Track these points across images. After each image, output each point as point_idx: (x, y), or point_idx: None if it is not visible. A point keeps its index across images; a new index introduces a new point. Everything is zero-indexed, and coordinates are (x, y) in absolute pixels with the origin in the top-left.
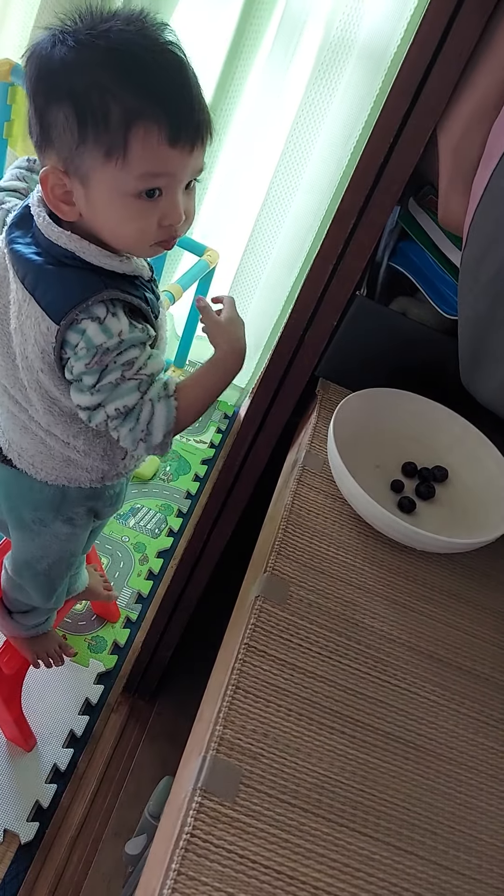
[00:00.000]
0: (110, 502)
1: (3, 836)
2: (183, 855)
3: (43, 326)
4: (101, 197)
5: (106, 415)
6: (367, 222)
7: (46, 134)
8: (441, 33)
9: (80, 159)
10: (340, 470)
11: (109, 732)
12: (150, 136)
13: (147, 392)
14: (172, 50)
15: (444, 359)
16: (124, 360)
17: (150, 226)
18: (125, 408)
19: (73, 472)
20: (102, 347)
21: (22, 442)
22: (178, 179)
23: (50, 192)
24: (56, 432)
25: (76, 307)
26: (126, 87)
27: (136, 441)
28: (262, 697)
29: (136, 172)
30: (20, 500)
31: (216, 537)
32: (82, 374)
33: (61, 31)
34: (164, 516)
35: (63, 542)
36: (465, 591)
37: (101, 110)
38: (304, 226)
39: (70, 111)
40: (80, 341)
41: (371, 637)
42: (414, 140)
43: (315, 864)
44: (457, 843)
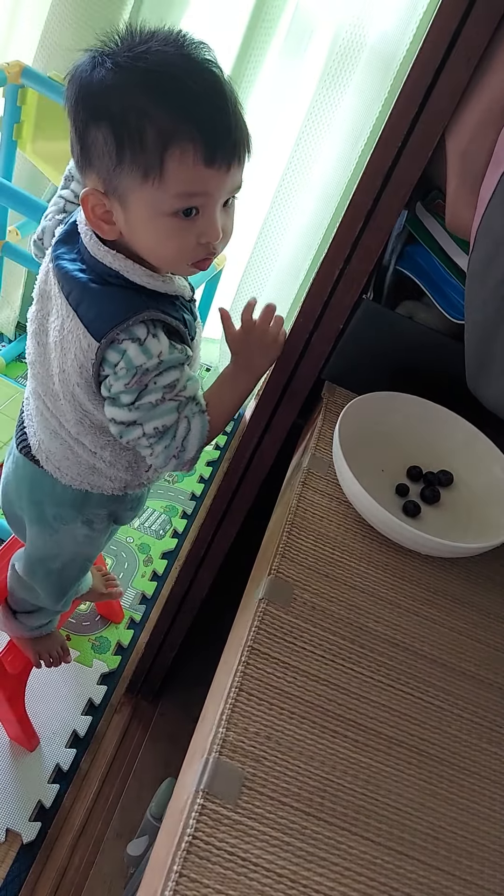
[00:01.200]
0: (131, 507)
1: (5, 835)
2: (185, 857)
3: (84, 343)
4: (140, 217)
5: (143, 432)
6: (374, 226)
7: (87, 155)
8: (450, 38)
9: (118, 180)
10: (345, 473)
11: (112, 733)
12: (185, 156)
13: (183, 410)
14: (210, 69)
15: (451, 363)
16: (166, 383)
17: (188, 244)
18: (163, 427)
19: (96, 479)
20: (142, 368)
21: (51, 445)
22: (216, 198)
23: (91, 212)
24: (85, 442)
25: (117, 326)
26: (161, 108)
27: (168, 458)
28: (265, 700)
29: (172, 192)
30: (44, 496)
31: (220, 539)
32: (120, 393)
33: (101, 54)
34: (168, 517)
35: (80, 544)
36: (470, 596)
37: (137, 131)
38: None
39: (108, 133)
40: (120, 361)
41: (375, 641)
42: (422, 144)
43: (317, 868)
44: (459, 849)
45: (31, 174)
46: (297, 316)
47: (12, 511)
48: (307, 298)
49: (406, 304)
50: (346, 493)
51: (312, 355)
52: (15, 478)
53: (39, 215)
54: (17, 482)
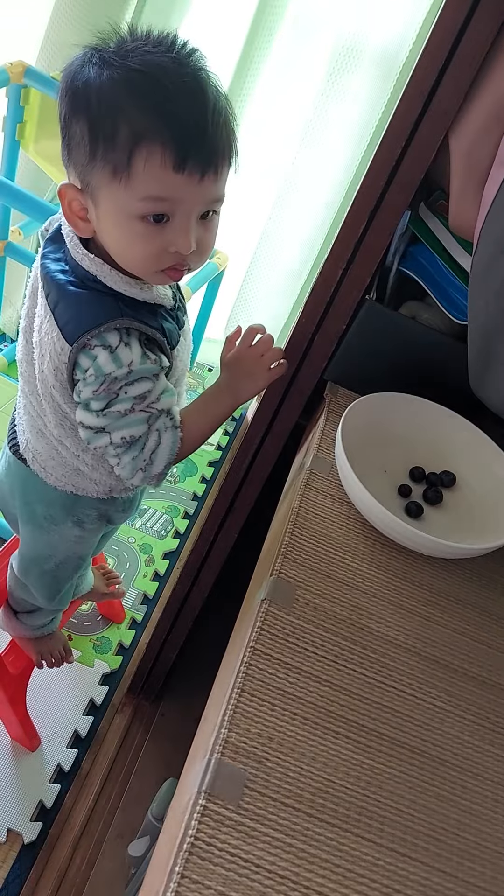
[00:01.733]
0: (122, 508)
1: (6, 835)
2: (187, 858)
3: (58, 345)
4: (108, 217)
5: (110, 441)
6: (377, 226)
7: (67, 148)
8: (454, 38)
9: (90, 176)
10: (348, 474)
11: (113, 733)
12: (152, 158)
13: (155, 423)
14: (196, 75)
15: (454, 364)
16: (136, 393)
17: (154, 250)
18: (131, 437)
19: (81, 481)
20: (111, 376)
21: (37, 445)
22: (188, 207)
23: (67, 207)
24: (67, 443)
25: (89, 332)
26: (136, 107)
27: (135, 470)
28: (267, 701)
29: (139, 195)
30: (34, 496)
31: (222, 539)
32: (90, 399)
33: (93, 50)
34: (170, 518)
35: (72, 543)
36: (473, 597)
37: (111, 128)
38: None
39: (84, 127)
40: (90, 367)
41: (377, 642)
42: (426, 144)
43: (319, 870)
44: (461, 851)
45: (33, 174)
46: (299, 316)
47: (8, 510)
48: (310, 299)
49: (409, 305)
50: (348, 494)
51: (315, 355)
52: (7, 477)
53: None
54: (10, 481)
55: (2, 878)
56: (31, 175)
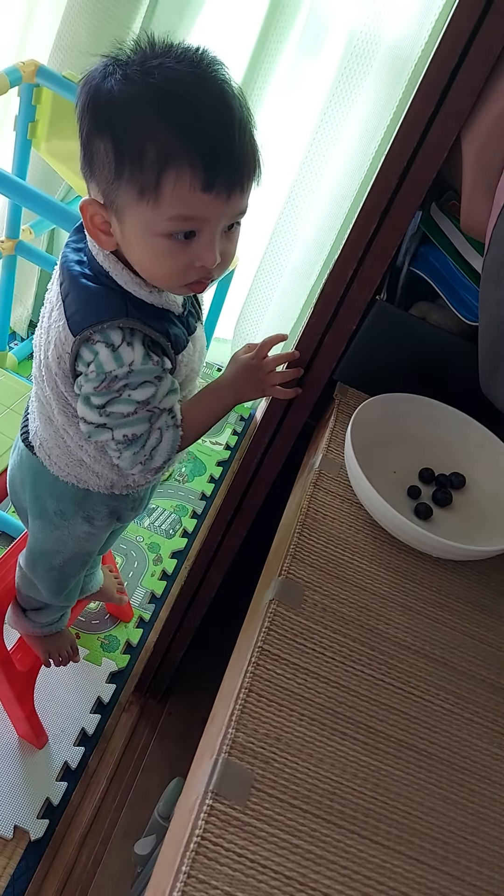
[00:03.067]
0: (132, 506)
1: (13, 832)
2: (193, 858)
3: (62, 334)
4: (134, 234)
5: (112, 437)
6: (388, 226)
7: (89, 164)
8: (467, 38)
9: (115, 194)
10: (357, 475)
11: (120, 732)
12: (182, 180)
13: (157, 422)
14: (222, 91)
15: (464, 365)
16: (140, 399)
17: (180, 266)
18: (133, 435)
19: (83, 473)
20: (111, 374)
21: (45, 433)
22: (214, 223)
23: (89, 221)
24: (71, 432)
25: (93, 326)
26: (164, 127)
27: (135, 463)
28: (275, 701)
29: (167, 214)
30: (45, 490)
31: (230, 539)
32: (90, 395)
33: (114, 63)
34: (178, 517)
35: (81, 540)
36: (481, 599)
37: (137, 149)
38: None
39: (109, 146)
40: (91, 362)
41: (385, 643)
42: (438, 144)
43: (325, 871)
44: (468, 854)
45: (44, 173)
46: (309, 316)
47: (19, 504)
48: (320, 299)
49: (419, 306)
50: (357, 494)
51: (325, 356)
52: (20, 470)
53: (53, 214)
54: (21, 474)
55: (8, 875)
56: (43, 174)
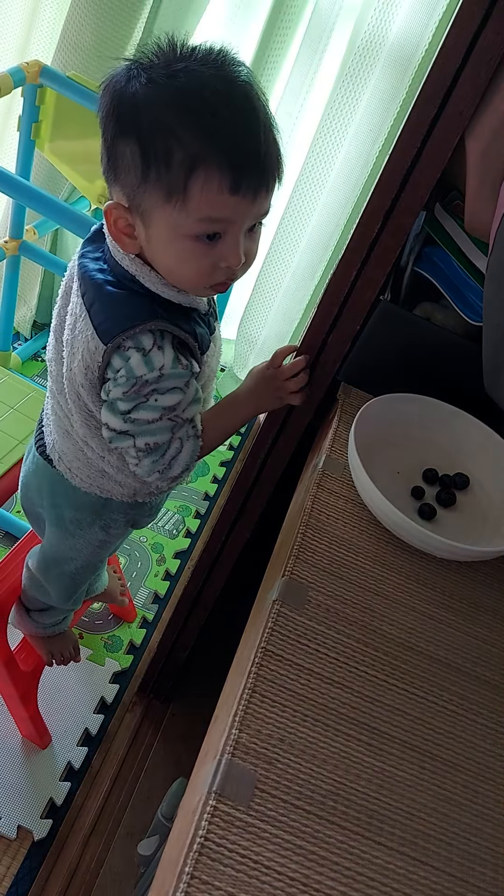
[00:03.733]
0: (149, 513)
1: (16, 832)
2: (196, 858)
3: (91, 345)
4: (160, 236)
5: (133, 444)
6: (392, 226)
7: (113, 167)
8: (470, 38)
9: (141, 198)
10: (361, 475)
11: (124, 732)
12: (210, 182)
13: (178, 432)
14: (246, 94)
15: (468, 365)
16: (167, 404)
17: (207, 267)
18: (154, 444)
19: (106, 483)
20: (142, 379)
21: (64, 446)
22: (240, 224)
23: (113, 225)
24: (92, 444)
25: (124, 332)
26: (190, 130)
27: (153, 472)
28: (278, 702)
29: (195, 216)
30: (63, 499)
31: (234, 539)
32: (117, 400)
33: (138, 66)
34: (182, 517)
35: (96, 547)
36: (485, 600)
37: (164, 151)
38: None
39: (136, 149)
40: (122, 368)
41: (389, 644)
42: (442, 144)
43: (329, 872)
44: (471, 855)
45: (48, 173)
46: (313, 316)
47: (33, 509)
48: (324, 299)
49: (423, 306)
50: (361, 495)
51: (328, 356)
52: (35, 478)
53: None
54: (37, 483)
55: (12, 875)
56: (46, 174)
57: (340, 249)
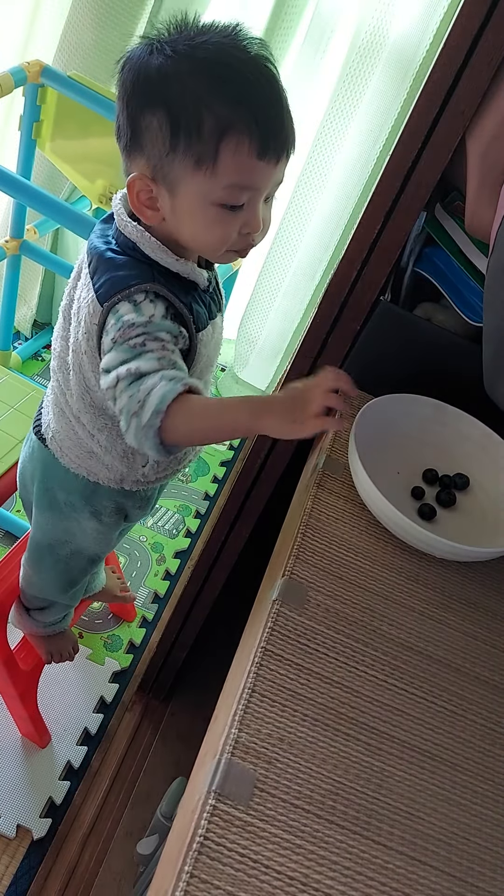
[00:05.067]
0: (140, 504)
1: (16, 831)
2: (196, 857)
3: (92, 307)
4: (187, 205)
5: (117, 375)
6: (393, 227)
7: (137, 139)
8: (472, 39)
9: (169, 167)
10: (361, 476)
11: (123, 731)
12: (241, 147)
13: (166, 367)
14: (265, 63)
15: (468, 366)
16: (154, 336)
17: (231, 233)
18: (137, 370)
19: (93, 464)
20: (128, 322)
21: (57, 424)
22: (262, 191)
23: (136, 198)
24: (84, 420)
25: (120, 292)
26: (220, 97)
27: (129, 414)
28: (278, 702)
29: (224, 183)
30: (56, 482)
31: (234, 539)
32: (109, 349)
33: (158, 41)
34: (182, 517)
35: (89, 536)
36: (485, 600)
37: (194, 119)
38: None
39: (164, 118)
40: (113, 321)
41: (388, 644)
42: (442, 145)
43: (328, 872)
44: (470, 855)
45: (49, 173)
46: (313, 317)
47: (28, 498)
48: (324, 299)
49: (424, 306)
50: (361, 495)
51: (329, 356)
52: (30, 462)
53: (57, 214)
54: (32, 466)
55: (11, 874)
56: (47, 174)
57: (341, 250)
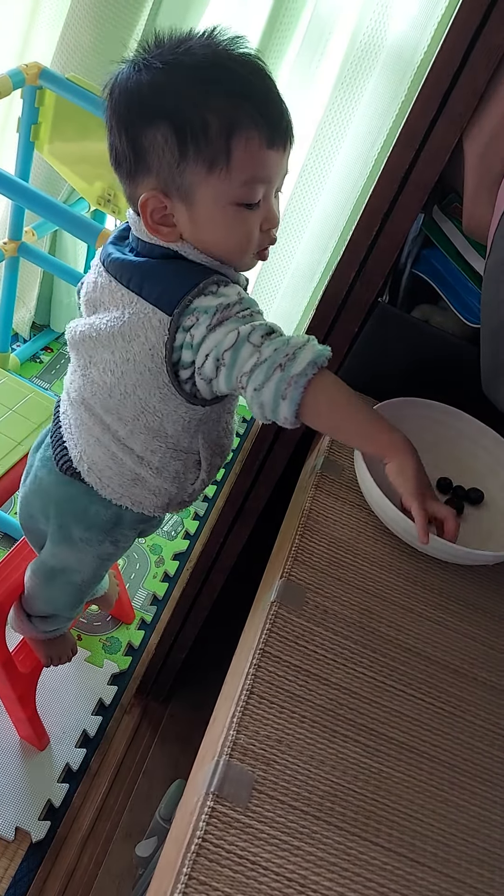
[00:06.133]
0: (157, 523)
1: (14, 833)
2: (195, 859)
3: (154, 321)
4: (206, 210)
5: (239, 332)
6: (391, 229)
7: (142, 159)
8: (469, 40)
9: (181, 177)
10: (364, 476)
11: (122, 733)
12: (251, 141)
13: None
14: (252, 57)
15: (466, 367)
16: (256, 309)
17: (254, 231)
18: (265, 325)
19: (139, 492)
20: (223, 304)
21: (94, 455)
22: (274, 183)
23: (150, 218)
24: (133, 446)
25: (189, 293)
26: (220, 97)
27: (273, 366)
28: (276, 703)
29: (239, 179)
30: (73, 518)
31: (232, 541)
32: (204, 337)
33: (143, 59)
34: (180, 519)
35: (104, 560)
36: (484, 602)
37: (199, 124)
38: (327, 231)
39: (168, 130)
40: (197, 315)
41: (387, 646)
42: (440, 147)
43: (326, 873)
44: (469, 856)
45: (47, 175)
46: (311, 318)
47: (34, 526)
48: (322, 301)
49: (422, 308)
50: (365, 497)
51: None
52: (39, 498)
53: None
54: (41, 502)
55: (10, 877)
56: (46, 176)
57: (339, 251)
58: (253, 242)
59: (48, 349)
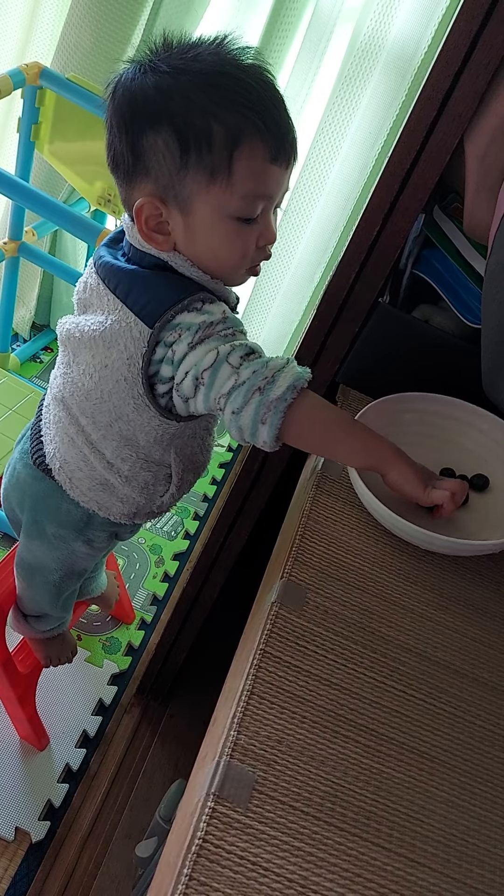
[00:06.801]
0: (132, 529)
1: (14, 834)
2: (195, 860)
3: (135, 331)
4: (203, 221)
5: (219, 351)
6: (391, 229)
7: (141, 162)
8: (470, 41)
9: (181, 184)
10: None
11: (122, 734)
12: (255, 154)
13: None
14: (262, 68)
15: (466, 367)
16: (239, 329)
17: (249, 246)
18: (245, 346)
19: (106, 498)
20: (205, 322)
21: (67, 454)
22: (274, 199)
23: (144, 224)
24: (105, 450)
25: (172, 308)
26: (227, 107)
27: (251, 390)
28: (276, 704)
29: (240, 192)
30: (45, 514)
31: (232, 541)
32: (186, 354)
33: (149, 60)
34: (180, 519)
35: (80, 558)
36: (484, 602)
37: (203, 132)
38: (327, 231)
39: (170, 135)
40: (179, 332)
41: (388, 646)
42: (441, 147)
43: (327, 874)
44: (470, 857)
45: (47, 175)
46: (312, 318)
47: (14, 515)
48: (323, 301)
49: (422, 308)
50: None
51: (327, 358)
52: (16, 491)
53: (55, 216)
54: (18, 495)
55: (10, 877)
56: (46, 176)
57: (339, 251)
58: (247, 258)
59: (48, 349)
